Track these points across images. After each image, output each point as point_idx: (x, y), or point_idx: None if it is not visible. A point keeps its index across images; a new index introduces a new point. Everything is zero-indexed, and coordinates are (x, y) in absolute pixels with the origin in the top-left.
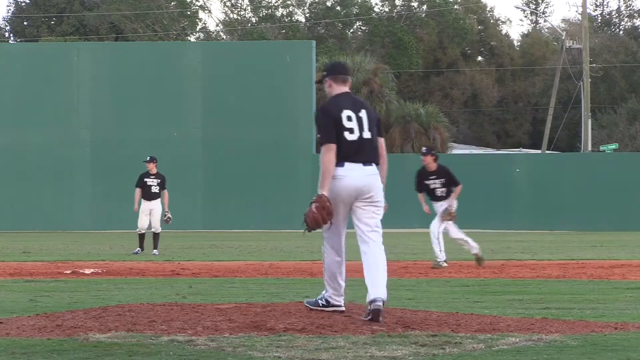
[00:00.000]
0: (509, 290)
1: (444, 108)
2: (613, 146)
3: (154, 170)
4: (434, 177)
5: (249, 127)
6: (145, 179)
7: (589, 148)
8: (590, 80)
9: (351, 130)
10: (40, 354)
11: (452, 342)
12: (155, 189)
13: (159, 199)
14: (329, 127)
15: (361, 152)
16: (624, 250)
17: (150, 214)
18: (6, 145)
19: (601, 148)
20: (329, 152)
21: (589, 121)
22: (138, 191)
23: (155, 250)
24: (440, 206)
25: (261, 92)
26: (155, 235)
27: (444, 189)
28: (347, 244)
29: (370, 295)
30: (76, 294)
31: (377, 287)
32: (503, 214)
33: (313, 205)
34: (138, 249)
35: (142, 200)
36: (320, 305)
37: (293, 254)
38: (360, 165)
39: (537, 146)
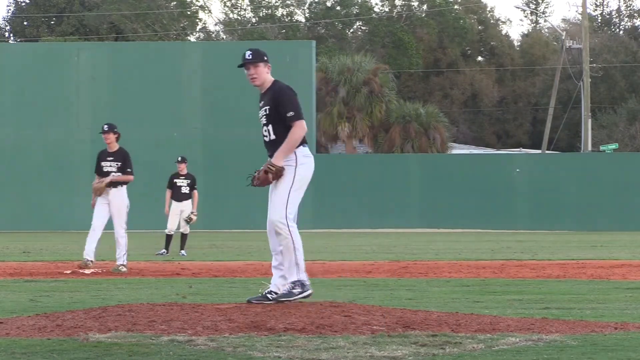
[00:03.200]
0: (509, 290)
1: (444, 108)
2: (613, 146)
3: (184, 171)
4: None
5: (249, 127)
6: (175, 180)
7: (589, 148)
8: (590, 80)
9: None
10: (40, 354)
11: (452, 342)
12: (185, 190)
13: (190, 200)
14: (299, 105)
15: None
16: (624, 250)
17: (180, 214)
18: (6, 145)
19: (601, 148)
20: (303, 129)
21: (589, 121)
22: (168, 192)
23: (182, 251)
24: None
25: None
26: (183, 236)
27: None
28: (349, 244)
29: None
30: (76, 294)
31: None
32: (503, 214)
33: (270, 176)
34: (163, 250)
35: (173, 201)
36: (297, 294)
37: None
38: None
39: (537, 146)
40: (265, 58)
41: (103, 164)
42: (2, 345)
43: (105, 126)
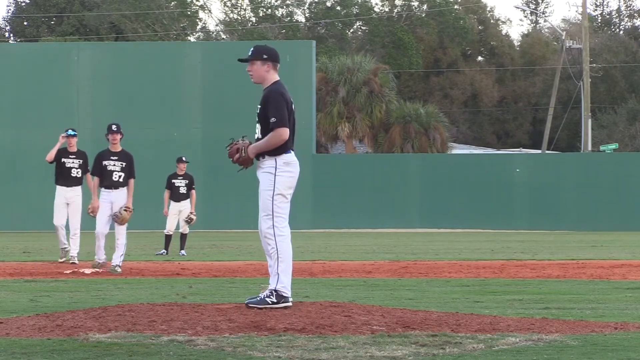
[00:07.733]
0: (509, 290)
1: (444, 108)
2: (613, 146)
3: (184, 171)
4: None
5: (249, 127)
6: (173, 180)
7: (589, 148)
8: (590, 80)
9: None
10: (40, 354)
11: (452, 342)
12: (183, 190)
13: (188, 200)
14: (284, 112)
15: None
16: (624, 250)
17: (179, 214)
18: (6, 145)
19: (601, 148)
20: (281, 137)
21: (589, 121)
22: (167, 193)
23: (182, 251)
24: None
25: (261, 92)
26: (183, 236)
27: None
28: (349, 244)
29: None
30: (76, 294)
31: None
32: (503, 214)
33: (237, 155)
34: (163, 250)
35: (171, 201)
36: (270, 303)
37: (292, 253)
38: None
39: (537, 146)
40: (265, 56)
41: (106, 162)
42: (2, 345)
43: (114, 126)
